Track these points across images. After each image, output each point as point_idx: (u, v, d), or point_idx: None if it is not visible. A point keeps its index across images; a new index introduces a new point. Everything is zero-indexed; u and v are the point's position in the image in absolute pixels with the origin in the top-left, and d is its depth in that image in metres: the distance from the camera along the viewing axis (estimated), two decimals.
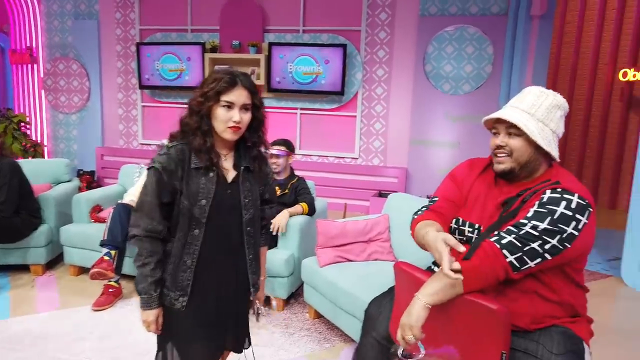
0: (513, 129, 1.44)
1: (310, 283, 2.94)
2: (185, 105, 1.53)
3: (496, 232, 1.39)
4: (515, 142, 1.45)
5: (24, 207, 3.38)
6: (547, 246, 1.34)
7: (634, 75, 6.11)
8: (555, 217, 1.34)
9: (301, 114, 5.71)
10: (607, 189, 6.58)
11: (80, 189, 4.31)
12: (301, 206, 3.26)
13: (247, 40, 5.54)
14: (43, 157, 6.35)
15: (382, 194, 5.27)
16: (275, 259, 3.00)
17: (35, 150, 6.34)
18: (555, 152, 1.46)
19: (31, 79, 6.57)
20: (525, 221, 1.36)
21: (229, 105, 1.46)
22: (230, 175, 1.55)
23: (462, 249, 1.30)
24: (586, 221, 1.35)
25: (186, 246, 1.49)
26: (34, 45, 6.44)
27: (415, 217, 1.60)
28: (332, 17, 5.44)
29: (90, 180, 4.53)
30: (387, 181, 5.47)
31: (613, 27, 6.37)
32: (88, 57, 6.26)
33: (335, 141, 5.68)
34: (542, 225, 1.34)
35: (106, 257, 2.93)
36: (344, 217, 4.17)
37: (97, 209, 3.57)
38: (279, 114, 5.77)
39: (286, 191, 3.34)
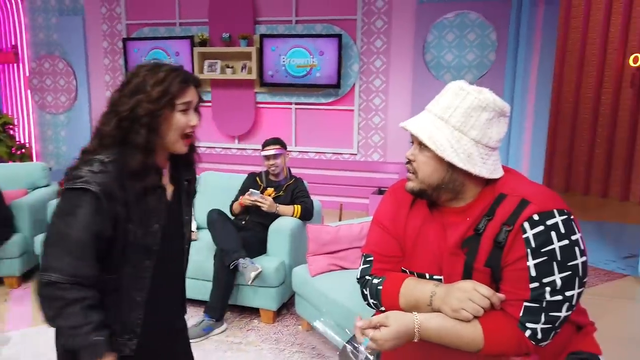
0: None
1: (301, 294, 2.70)
2: (112, 111, 1.24)
3: (521, 315, 1.07)
4: (423, 158, 1.13)
5: None
6: (573, 301, 1.06)
7: None
8: (560, 258, 1.03)
9: (296, 108, 5.45)
10: (618, 180, 6.29)
11: (58, 194, 4.08)
12: (294, 207, 3.03)
13: (238, 33, 5.28)
14: (31, 160, 6.13)
15: (382, 191, 5.02)
16: (264, 267, 2.76)
17: (22, 153, 6.13)
18: (480, 169, 1.10)
19: (17, 78, 6.34)
20: (536, 284, 1.04)
21: (186, 109, 1.23)
22: (169, 191, 1.34)
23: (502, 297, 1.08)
24: (579, 234, 1.07)
25: (136, 281, 1.24)
26: (18, 43, 6.20)
27: (379, 287, 1.21)
28: (326, 5, 5.16)
29: None
30: (388, 177, 5.21)
31: (622, 11, 6.05)
32: (74, 54, 6.01)
33: (332, 137, 5.42)
34: (556, 279, 1.04)
35: None
36: (340, 217, 3.92)
37: None
38: (273, 110, 5.52)
39: (281, 193, 3.13)
